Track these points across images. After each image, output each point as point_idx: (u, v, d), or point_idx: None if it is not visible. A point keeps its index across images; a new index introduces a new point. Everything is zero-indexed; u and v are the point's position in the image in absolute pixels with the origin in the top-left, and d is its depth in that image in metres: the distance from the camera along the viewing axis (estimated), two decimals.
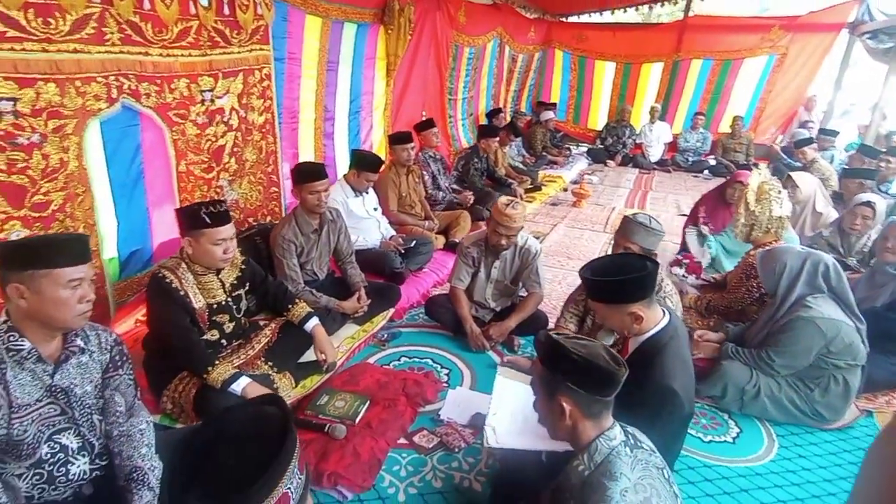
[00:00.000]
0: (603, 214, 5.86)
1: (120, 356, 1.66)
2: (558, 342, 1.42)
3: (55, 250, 1.43)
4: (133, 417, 1.64)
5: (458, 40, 5.85)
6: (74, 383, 1.51)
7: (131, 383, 1.69)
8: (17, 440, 1.39)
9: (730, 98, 8.46)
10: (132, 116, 2.51)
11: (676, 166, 8.14)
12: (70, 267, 1.43)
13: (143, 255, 2.73)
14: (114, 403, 1.61)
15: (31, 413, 1.42)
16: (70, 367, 1.51)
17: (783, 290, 2.47)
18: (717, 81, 8.41)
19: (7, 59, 1.96)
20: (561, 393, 1.39)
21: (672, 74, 8.61)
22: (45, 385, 1.45)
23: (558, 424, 1.44)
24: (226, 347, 2.40)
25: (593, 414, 1.39)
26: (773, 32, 7.83)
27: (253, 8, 2.93)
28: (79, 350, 1.54)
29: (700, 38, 8.27)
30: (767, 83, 8.12)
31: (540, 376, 1.49)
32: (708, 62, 8.38)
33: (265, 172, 3.43)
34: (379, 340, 3.11)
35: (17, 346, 1.41)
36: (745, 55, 8.12)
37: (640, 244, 2.38)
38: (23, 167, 2.10)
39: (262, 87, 3.22)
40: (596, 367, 1.36)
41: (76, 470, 1.52)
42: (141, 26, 2.40)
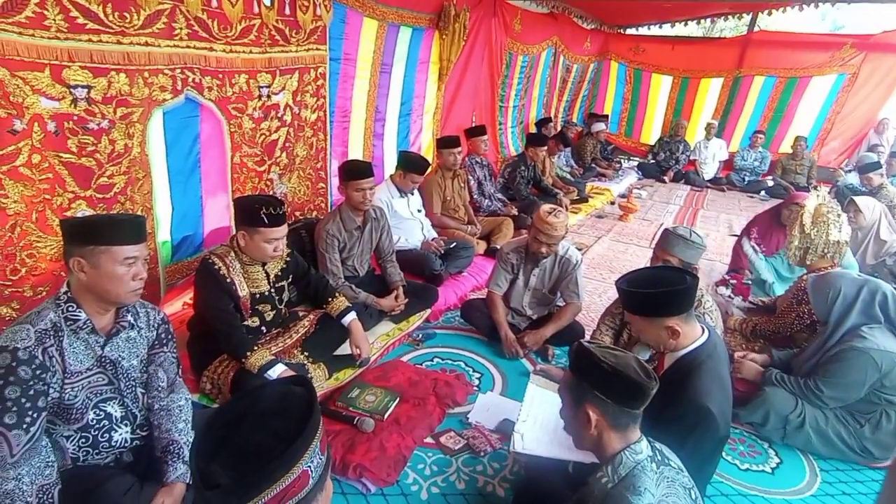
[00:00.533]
0: (650, 230, 5.73)
1: (166, 334, 1.76)
2: (588, 349, 1.40)
3: (115, 229, 1.52)
4: (173, 393, 1.73)
5: (513, 48, 5.84)
6: (122, 356, 1.61)
7: (174, 361, 1.78)
8: (67, 404, 1.49)
9: (793, 117, 8.07)
10: (193, 108, 2.64)
11: (731, 185, 7.86)
12: (127, 245, 1.51)
13: (195, 240, 2.86)
14: (157, 379, 1.70)
15: (82, 380, 1.52)
16: (119, 340, 1.61)
17: (836, 318, 2.34)
18: (781, 99, 8.05)
19: (85, 49, 2.11)
20: (588, 401, 1.37)
21: (732, 90, 8.32)
22: (95, 355, 1.55)
23: (583, 433, 1.42)
24: (265, 334, 2.48)
25: (620, 425, 1.37)
26: (845, 51, 7.46)
27: (313, 9, 3.03)
28: (129, 325, 1.63)
29: (764, 54, 7.95)
30: (835, 103, 7.72)
31: (567, 383, 1.48)
32: (772, 79, 8.03)
33: (314, 168, 3.53)
34: (413, 340, 3.14)
35: (75, 316, 1.50)
36: (813, 73, 7.73)
37: (679, 257, 2.32)
38: (91, 150, 2.24)
39: (317, 86, 3.31)
40: (625, 378, 1.33)
41: (118, 437, 1.61)
42: (207, 23, 2.53)
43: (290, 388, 0.99)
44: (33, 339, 1.41)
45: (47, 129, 2.08)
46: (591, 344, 1.45)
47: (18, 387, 1.35)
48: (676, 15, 7.91)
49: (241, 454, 0.87)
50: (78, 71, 2.11)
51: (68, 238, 1.51)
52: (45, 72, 2.01)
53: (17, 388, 1.35)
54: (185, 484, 1.61)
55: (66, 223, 1.55)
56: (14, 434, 1.34)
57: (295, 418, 0.91)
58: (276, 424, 0.90)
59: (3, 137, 1.96)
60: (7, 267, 2.07)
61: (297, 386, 0.99)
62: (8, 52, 1.89)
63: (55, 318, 1.48)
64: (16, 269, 2.11)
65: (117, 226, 1.54)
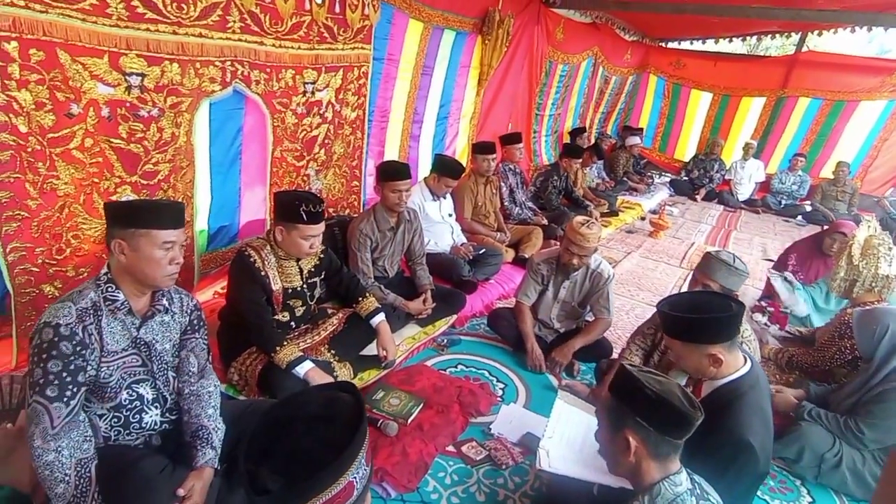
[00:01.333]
0: (680, 249, 5.64)
1: (198, 320, 1.80)
2: (632, 374, 1.37)
3: (156, 214, 1.57)
4: (203, 379, 1.77)
5: (553, 56, 5.80)
6: (156, 339, 1.65)
7: (205, 347, 1.82)
8: (102, 382, 1.53)
9: (837, 142, 7.80)
10: (239, 100, 2.68)
11: (767, 208, 7.67)
12: (166, 230, 1.56)
13: (230, 231, 2.90)
14: (188, 364, 1.74)
15: (118, 360, 1.57)
16: (154, 323, 1.65)
17: (882, 356, 2.25)
18: (826, 122, 7.79)
19: (143, 38, 2.15)
20: (628, 427, 1.34)
21: (774, 111, 8.09)
22: (131, 336, 1.59)
23: (620, 460, 1.39)
24: (294, 329, 2.49)
25: (660, 455, 1.33)
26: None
27: (361, 8, 3.04)
28: (163, 309, 1.68)
29: (811, 76, 7.70)
30: (884, 130, 7.44)
31: (607, 406, 1.45)
32: (817, 101, 7.78)
33: (350, 166, 3.55)
34: (438, 345, 3.13)
35: (114, 296, 1.56)
36: (862, 97, 7.46)
37: (720, 283, 2.27)
38: (140, 137, 2.29)
39: (359, 85, 3.33)
40: (669, 406, 1.30)
41: (148, 419, 1.65)
42: (260, 17, 2.55)
43: (338, 394, 0.99)
44: (74, 316, 1.46)
45: (101, 114, 2.13)
46: (633, 367, 1.42)
47: (60, 361, 1.41)
48: (722, 31, 7.74)
49: (290, 460, 0.87)
50: (134, 59, 2.15)
51: (111, 220, 1.57)
52: (103, 58, 2.06)
53: (59, 362, 1.41)
54: (213, 469, 1.64)
55: (110, 206, 1.61)
56: (55, 406, 1.39)
57: (342, 426, 0.91)
58: (323, 431, 0.91)
59: (60, 120, 2.00)
60: (53, 247, 2.12)
61: (344, 392, 0.99)
62: (71, 37, 1.94)
63: (95, 297, 1.53)
64: (61, 248, 2.16)
65: (158, 211, 1.59)
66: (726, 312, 1.72)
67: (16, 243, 2.00)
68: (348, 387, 1.01)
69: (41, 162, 1.99)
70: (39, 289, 2.12)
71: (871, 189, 7.59)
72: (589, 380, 2.96)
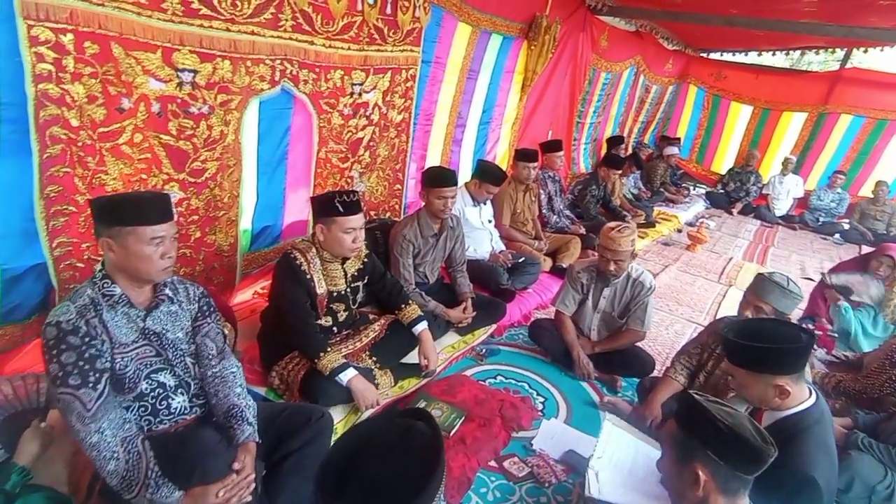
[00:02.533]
0: (718, 263, 5.48)
1: (207, 306, 1.79)
2: (700, 405, 1.33)
3: (140, 209, 1.53)
4: (224, 360, 1.77)
5: (597, 64, 5.71)
6: (166, 328, 1.65)
7: (219, 331, 1.81)
8: (120, 374, 1.52)
9: (878, 161, 7.60)
10: (287, 100, 2.64)
11: (804, 224, 7.44)
12: (153, 225, 1.52)
13: (273, 231, 2.87)
14: (206, 348, 1.75)
15: (131, 352, 1.56)
16: (160, 313, 1.64)
17: None
18: (867, 141, 7.58)
19: (196, 34, 2.12)
20: (698, 460, 1.30)
21: (815, 126, 7.88)
22: (139, 328, 1.58)
23: (687, 493, 1.34)
24: (336, 335, 2.44)
25: (730, 490, 1.29)
26: None
27: (412, 10, 2.99)
28: (167, 299, 1.67)
29: (854, 93, 7.50)
30: None
31: (674, 437, 1.40)
32: (859, 119, 7.57)
33: (393, 169, 3.50)
34: (477, 354, 3.07)
35: (110, 291, 1.54)
36: None
37: (773, 305, 2.20)
38: (189, 134, 2.26)
39: (406, 87, 3.28)
40: (743, 441, 1.26)
41: (177, 405, 1.65)
42: (312, 16, 2.52)
43: (413, 423, 0.95)
44: (74, 313, 1.46)
45: (151, 109, 2.10)
46: (700, 396, 1.37)
47: (73, 352, 1.42)
48: (766, 44, 7.58)
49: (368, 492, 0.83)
50: (187, 55, 2.13)
51: (97, 218, 1.53)
52: (157, 53, 2.03)
53: (72, 354, 1.41)
54: (255, 442, 1.65)
55: (93, 203, 1.55)
56: (83, 392, 1.41)
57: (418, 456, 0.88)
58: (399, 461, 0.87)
59: (111, 115, 1.98)
60: None
61: (419, 421, 0.93)
62: (125, 31, 1.91)
63: (92, 293, 1.52)
64: None
65: (142, 206, 1.54)
66: (796, 343, 1.66)
67: (62, 238, 1.98)
68: (424, 414, 0.96)
69: (91, 156, 1.97)
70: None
71: None
72: (630, 396, 2.87)
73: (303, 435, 1.77)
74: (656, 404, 2.43)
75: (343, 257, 2.33)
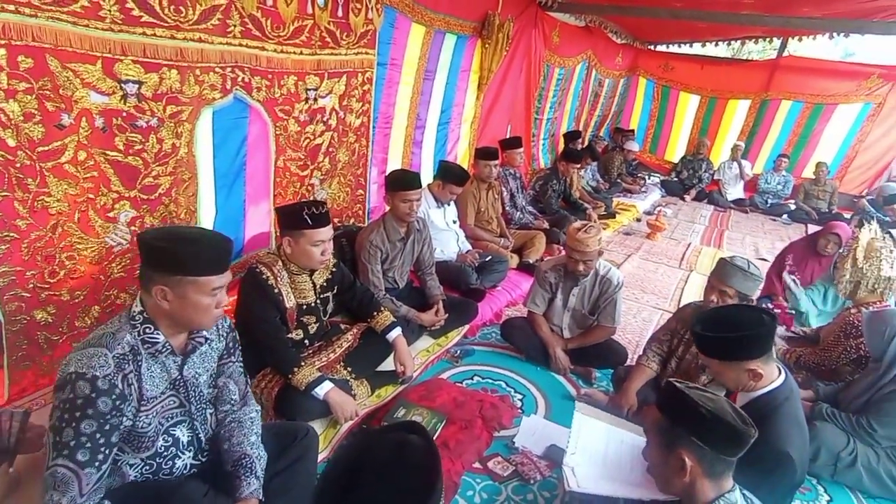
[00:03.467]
0: (678, 250, 5.64)
1: (233, 342, 1.67)
2: (683, 392, 1.35)
3: (206, 259, 1.40)
4: (246, 406, 1.65)
5: (550, 60, 5.77)
6: (198, 373, 1.52)
7: (242, 370, 1.69)
8: (140, 433, 1.39)
9: (818, 143, 8.03)
10: (243, 108, 2.54)
11: (754, 207, 7.77)
12: (216, 275, 1.41)
13: (235, 245, 2.74)
14: (228, 391, 1.61)
15: (156, 406, 1.42)
16: (195, 357, 1.51)
17: (891, 356, 2.32)
18: (806, 125, 8.00)
19: (139, 42, 2.01)
20: (683, 447, 1.33)
21: (759, 113, 8.26)
22: (171, 378, 1.45)
23: (673, 479, 1.37)
24: (308, 348, 2.38)
25: (715, 473, 1.33)
26: (872, 81, 7.40)
27: (365, 12, 2.94)
28: (205, 340, 1.53)
29: (792, 79, 7.90)
30: (860, 132, 7.67)
31: (658, 426, 1.43)
32: (798, 104, 7.98)
33: (354, 175, 3.44)
34: (452, 356, 3.04)
35: (153, 338, 1.40)
36: (840, 101, 7.68)
37: (737, 288, 2.25)
38: (138, 149, 2.14)
39: (363, 91, 3.22)
40: (725, 424, 1.29)
41: (181, 464, 1.52)
42: (261, 21, 2.43)
43: (406, 436, 0.91)
44: (112, 365, 1.29)
45: (95, 125, 1.98)
46: (681, 384, 1.41)
47: (96, 420, 1.24)
48: (709, 35, 7.87)
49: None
50: (130, 65, 2.01)
51: (151, 264, 1.38)
52: (96, 65, 1.91)
53: (93, 423, 1.24)
54: (258, 500, 1.52)
55: (149, 246, 1.38)
56: (86, 472, 1.24)
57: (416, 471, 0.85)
58: (397, 478, 0.83)
59: (50, 132, 1.85)
60: (45, 269, 1.97)
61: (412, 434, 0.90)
62: (61, 42, 1.79)
63: (132, 340, 1.36)
64: (54, 271, 2.00)
65: (209, 255, 1.41)
66: (761, 327, 1.73)
67: (5, 267, 1.85)
68: (416, 427, 0.93)
69: (31, 178, 1.84)
70: (31, 315, 1.97)
71: (850, 188, 7.82)
72: (605, 386, 2.91)
73: (289, 454, 1.70)
74: (631, 392, 2.47)
75: (312, 269, 2.26)
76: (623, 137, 8.25)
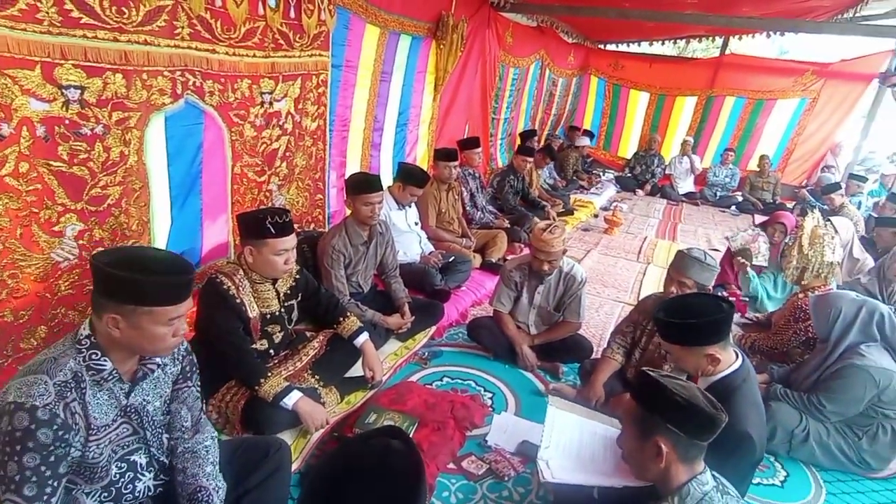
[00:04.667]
0: (635, 243, 5.78)
1: (190, 366, 1.57)
2: (658, 381, 1.39)
3: (163, 287, 1.29)
4: (199, 433, 1.55)
5: (505, 60, 5.83)
6: (147, 400, 1.43)
7: (198, 396, 1.59)
8: (91, 463, 1.30)
9: (760, 137, 8.43)
10: (198, 114, 2.46)
11: (704, 200, 8.07)
12: (173, 306, 1.31)
13: (192, 256, 2.66)
14: (179, 418, 1.51)
15: (108, 434, 1.34)
16: (146, 384, 1.42)
17: (836, 337, 2.45)
18: (749, 119, 8.39)
19: (79, 45, 1.90)
20: (659, 434, 1.37)
21: (705, 109, 8.60)
22: (120, 405, 1.36)
23: (649, 465, 1.41)
24: (273, 357, 2.31)
25: (689, 458, 1.38)
26: (806, 77, 7.84)
27: (317, 13, 2.89)
28: (156, 367, 1.44)
29: (734, 76, 8.28)
30: (798, 126, 8.10)
31: (633, 415, 1.47)
32: (741, 100, 8.36)
33: (313, 179, 3.37)
34: (420, 358, 3.02)
35: (99, 365, 1.30)
36: (778, 96, 8.11)
37: (695, 279, 2.33)
38: (84, 158, 2.03)
39: (318, 93, 3.17)
40: (699, 411, 1.34)
41: (142, 486, 1.44)
42: (211, 23, 2.36)
43: (389, 442, 0.90)
44: (53, 393, 1.19)
45: (36, 133, 1.86)
46: (654, 373, 1.44)
47: (38, 453, 1.15)
48: (655, 34, 8.14)
49: None
50: (71, 70, 1.90)
51: (105, 292, 1.27)
52: (35, 70, 1.81)
53: (36, 455, 1.15)
54: None
55: (102, 273, 1.26)
56: None
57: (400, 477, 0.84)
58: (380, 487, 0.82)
59: None
60: None
61: (395, 440, 0.89)
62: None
63: (76, 366, 1.27)
64: None
65: (169, 285, 1.30)
66: (719, 314, 1.80)
67: None
68: (396, 432, 0.90)
69: None
70: None
71: (791, 179, 8.24)
72: (572, 380, 2.95)
73: (262, 470, 1.64)
74: (598, 384, 2.51)
75: (275, 278, 2.20)
76: (574, 134, 8.41)
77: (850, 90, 7.68)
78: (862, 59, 7.51)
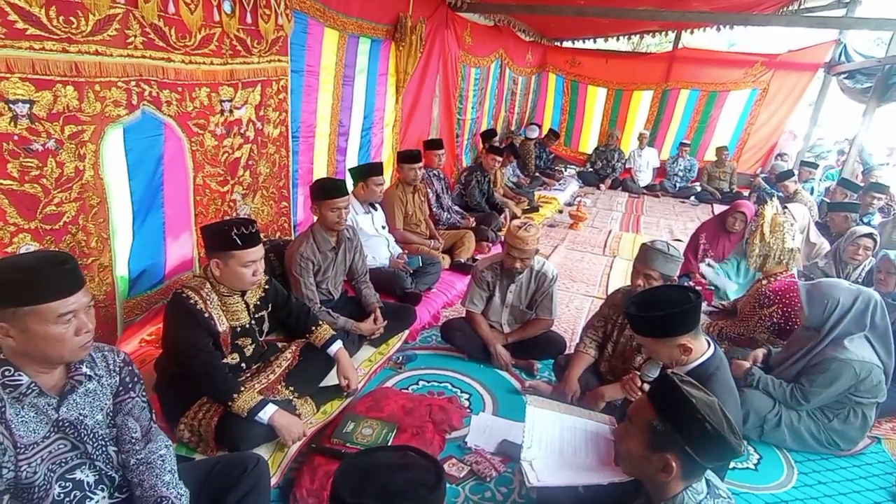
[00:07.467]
0: (600, 237, 5.88)
1: (130, 377, 1.51)
2: (691, 403, 1.27)
3: (39, 283, 1.22)
4: (151, 443, 1.50)
5: (466, 60, 5.85)
6: (83, 414, 1.37)
7: (145, 406, 1.54)
8: (26, 483, 1.24)
9: (715, 128, 8.69)
10: (157, 125, 2.38)
11: (665, 191, 8.28)
12: (60, 299, 1.24)
13: (155, 271, 2.58)
14: (127, 430, 1.46)
15: (40, 452, 1.28)
16: (77, 396, 1.36)
17: (830, 326, 2.43)
18: (704, 111, 8.65)
19: (26, 58, 1.82)
20: (673, 452, 1.28)
21: (661, 102, 8.82)
22: (51, 420, 1.30)
23: (652, 476, 1.33)
24: (245, 371, 2.26)
25: (691, 476, 1.31)
26: (756, 68, 8.12)
27: (274, 18, 2.83)
28: (85, 378, 1.38)
29: (688, 70, 8.51)
30: (750, 116, 8.40)
31: (647, 422, 1.34)
32: (695, 93, 8.61)
33: (277, 187, 3.31)
34: (395, 363, 3.01)
35: (14, 381, 1.24)
36: (730, 88, 8.38)
37: (660, 271, 2.37)
38: (36, 175, 1.94)
39: (279, 100, 3.11)
40: (726, 443, 1.25)
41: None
42: (164, 31, 2.29)
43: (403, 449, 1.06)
44: None
45: None
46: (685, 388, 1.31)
47: None
48: (610, 31, 8.27)
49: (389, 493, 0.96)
50: (18, 83, 1.82)
51: None
52: None
53: None
54: None
55: None
56: None
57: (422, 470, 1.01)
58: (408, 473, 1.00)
59: None
60: None
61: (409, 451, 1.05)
62: None
63: None
64: None
65: (41, 276, 1.22)
66: (687, 304, 1.83)
67: None
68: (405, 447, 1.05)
69: None
70: None
71: (745, 168, 8.54)
72: (547, 377, 2.98)
73: (240, 488, 1.61)
74: (573, 380, 2.54)
75: (243, 290, 2.15)
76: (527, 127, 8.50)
77: (797, 80, 7.99)
78: (808, 49, 7.82)
